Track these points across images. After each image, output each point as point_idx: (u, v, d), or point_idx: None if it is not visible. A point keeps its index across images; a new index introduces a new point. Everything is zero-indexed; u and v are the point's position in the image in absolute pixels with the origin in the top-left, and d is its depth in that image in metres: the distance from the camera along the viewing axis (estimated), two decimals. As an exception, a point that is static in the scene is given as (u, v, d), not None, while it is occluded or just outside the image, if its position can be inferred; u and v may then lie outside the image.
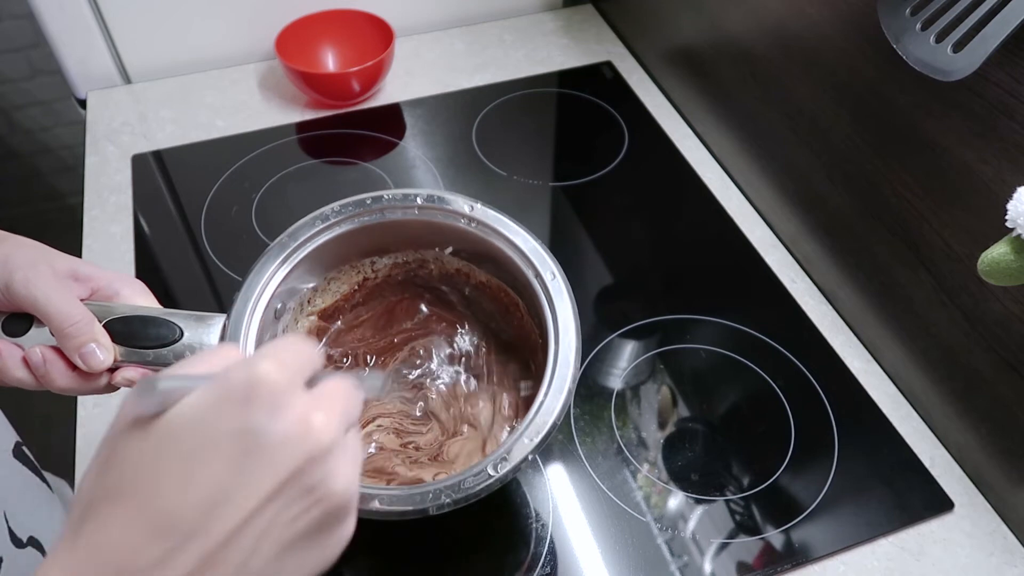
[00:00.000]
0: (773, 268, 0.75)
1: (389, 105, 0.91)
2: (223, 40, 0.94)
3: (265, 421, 0.26)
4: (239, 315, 0.49)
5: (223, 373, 0.27)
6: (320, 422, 0.27)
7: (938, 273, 0.58)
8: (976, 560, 0.56)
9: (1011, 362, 0.53)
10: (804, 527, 0.57)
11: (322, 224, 0.53)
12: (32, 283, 0.41)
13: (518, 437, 0.45)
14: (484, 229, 0.53)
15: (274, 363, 0.27)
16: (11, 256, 0.41)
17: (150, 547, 0.25)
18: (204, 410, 0.26)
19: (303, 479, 0.27)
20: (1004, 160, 0.49)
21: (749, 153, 0.80)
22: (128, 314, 0.44)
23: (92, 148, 0.86)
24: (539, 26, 1.03)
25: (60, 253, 0.44)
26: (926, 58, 0.47)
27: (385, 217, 0.54)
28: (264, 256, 0.52)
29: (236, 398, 0.26)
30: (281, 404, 0.27)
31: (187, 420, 0.26)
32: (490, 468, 0.43)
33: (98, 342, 0.42)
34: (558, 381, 0.47)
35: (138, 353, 0.44)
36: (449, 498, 0.43)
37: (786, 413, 0.63)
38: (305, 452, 0.27)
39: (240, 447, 0.26)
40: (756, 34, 0.73)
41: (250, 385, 0.27)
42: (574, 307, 0.50)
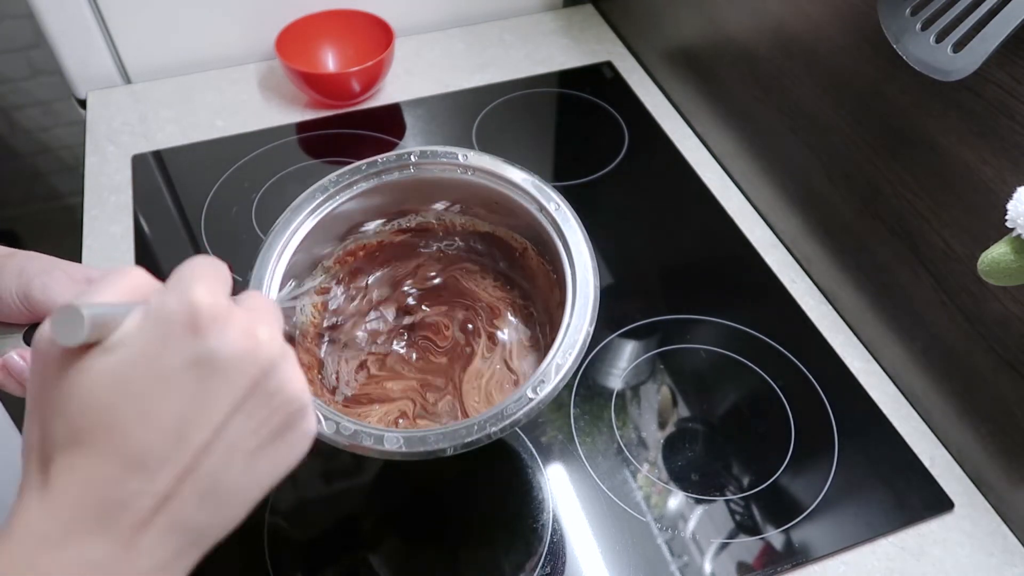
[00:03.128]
0: (773, 268, 0.75)
1: (389, 105, 0.91)
2: (223, 40, 0.94)
3: (214, 345, 0.27)
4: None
5: (155, 302, 0.27)
6: (265, 334, 0.29)
7: (938, 273, 0.58)
8: (976, 560, 0.56)
9: (1011, 362, 0.53)
10: (804, 527, 0.57)
11: (322, 196, 0.53)
12: (49, 288, 0.42)
13: (551, 360, 0.45)
14: (480, 174, 0.53)
15: (204, 286, 0.28)
16: (25, 266, 0.43)
17: (126, 480, 0.26)
18: (150, 344, 0.27)
19: (260, 390, 0.28)
20: (1004, 160, 0.49)
21: (749, 153, 0.80)
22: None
23: (92, 148, 0.86)
24: (539, 26, 1.04)
25: (70, 262, 0.45)
26: (926, 58, 0.47)
27: (382, 180, 0.54)
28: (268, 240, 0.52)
29: (179, 328, 0.27)
30: (224, 325, 0.27)
31: (136, 357, 0.27)
32: (530, 391, 0.44)
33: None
34: (580, 300, 0.47)
35: None
36: (496, 426, 0.43)
37: (786, 413, 0.63)
38: (257, 365, 0.28)
39: (195, 374, 0.27)
40: (756, 34, 0.73)
41: (190, 312, 0.27)
42: (583, 230, 0.50)
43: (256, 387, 0.28)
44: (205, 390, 0.27)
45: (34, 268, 0.43)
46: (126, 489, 0.26)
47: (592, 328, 0.46)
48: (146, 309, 0.27)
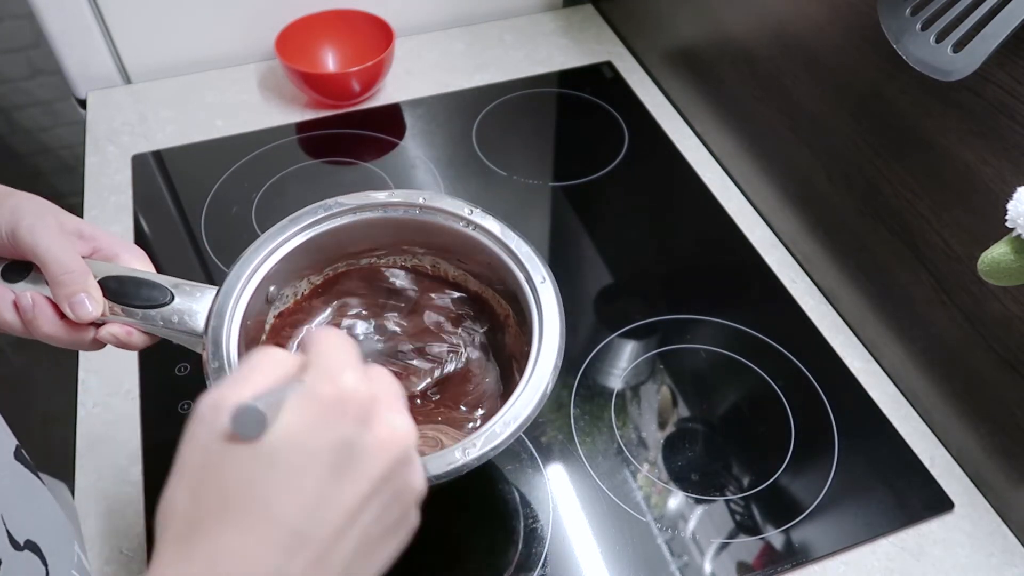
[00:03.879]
0: (773, 268, 0.75)
1: (389, 105, 0.91)
2: (223, 40, 0.94)
3: (359, 431, 0.29)
4: (229, 289, 0.49)
5: (310, 385, 0.29)
6: (402, 426, 0.31)
7: (938, 273, 0.58)
8: (976, 560, 0.56)
9: (1011, 362, 0.53)
10: (804, 527, 0.57)
11: (324, 213, 0.53)
12: (37, 231, 0.43)
13: (490, 426, 0.45)
14: (480, 232, 0.54)
15: (353, 374, 0.30)
16: (20, 205, 0.43)
17: (268, 556, 0.27)
18: (302, 427, 0.28)
19: (393, 479, 0.30)
20: (1004, 160, 0.49)
21: (749, 153, 0.80)
22: (124, 274, 0.46)
23: (92, 148, 0.86)
24: (539, 26, 1.03)
25: (68, 213, 0.46)
26: (926, 58, 0.47)
27: (387, 214, 0.54)
28: (262, 237, 0.52)
29: (330, 413, 0.29)
30: (371, 413, 0.30)
31: (288, 438, 0.28)
32: (457, 452, 0.44)
33: (89, 294, 0.44)
34: (536, 378, 0.46)
35: (128, 311, 0.45)
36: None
37: (786, 413, 0.63)
38: (394, 455, 0.30)
39: (339, 457, 0.28)
40: (756, 34, 0.73)
41: (340, 398, 0.29)
42: (561, 312, 0.50)
43: (390, 476, 0.30)
44: (345, 472, 0.28)
45: (28, 209, 0.43)
46: (266, 564, 0.27)
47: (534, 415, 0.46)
48: (300, 394, 0.29)
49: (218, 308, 0.48)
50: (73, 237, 0.45)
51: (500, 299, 0.57)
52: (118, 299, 0.45)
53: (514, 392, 0.46)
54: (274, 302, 0.55)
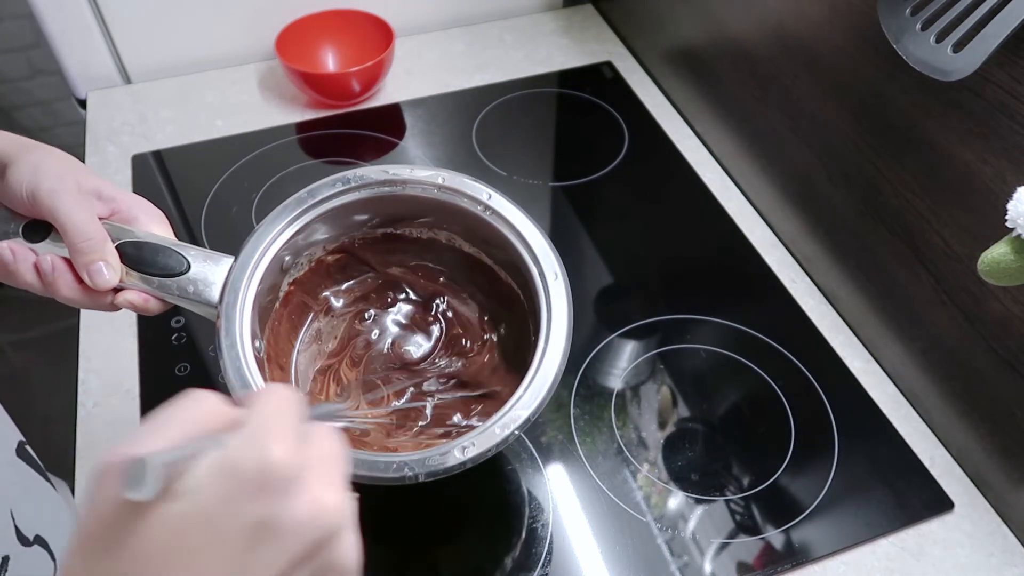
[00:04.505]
0: (773, 268, 0.75)
1: (389, 105, 0.91)
2: (223, 40, 0.94)
3: (279, 510, 0.26)
4: (246, 260, 0.49)
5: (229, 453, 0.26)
6: (332, 502, 0.27)
7: (938, 273, 0.58)
8: (976, 560, 0.56)
9: (1011, 362, 0.53)
10: (804, 527, 0.57)
11: (342, 186, 0.53)
12: (56, 195, 0.42)
13: (489, 426, 0.45)
14: (497, 219, 0.53)
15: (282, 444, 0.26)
16: (41, 164, 0.43)
17: None
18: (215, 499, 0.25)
19: (316, 559, 0.27)
20: (1004, 160, 0.49)
21: (749, 153, 0.80)
22: (142, 240, 0.46)
23: (92, 148, 0.86)
24: (539, 26, 1.03)
25: (90, 170, 0.45)
26: (926, 58, 0.47)
27: (405, 190, 0.54)
28: (280, 208, 0.52)
29: (248, 486, 0.26)
30: (293, 490, 0.26)
31: (198, 511, 0.25)
32: (456, 451, 0.44)
33: (107, 262, 0.44)
34: (540, 377, 0.47)
35: (144, 279, 0.46)
36: (413, 471, 0.43)
37: (786, 413, 0.63)
38: (316, 535, 0.27)
39: (253, 536, 0.26)
40: (756, 34, 0.73)
41: (262, 472, 0.26)
42: (570, 309, 0.50)
43: (312, 555, 0.27)
44: (260, 554, 0.26)
45: (48, 169, 0.43)
46: None
47: (538, 412, 0.46)
48: (217, 458, 0.26)
49: (233, 281, 0.48)
50: (92, 198, 0.44)
51: (513, 284, 0.57)
52: (135, 266, 0.45)
53: (514, 395, 0.46)
54: (289, 271, 0.55)
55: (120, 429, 0.61)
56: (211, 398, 0.28)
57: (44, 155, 0.43)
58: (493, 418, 0.45)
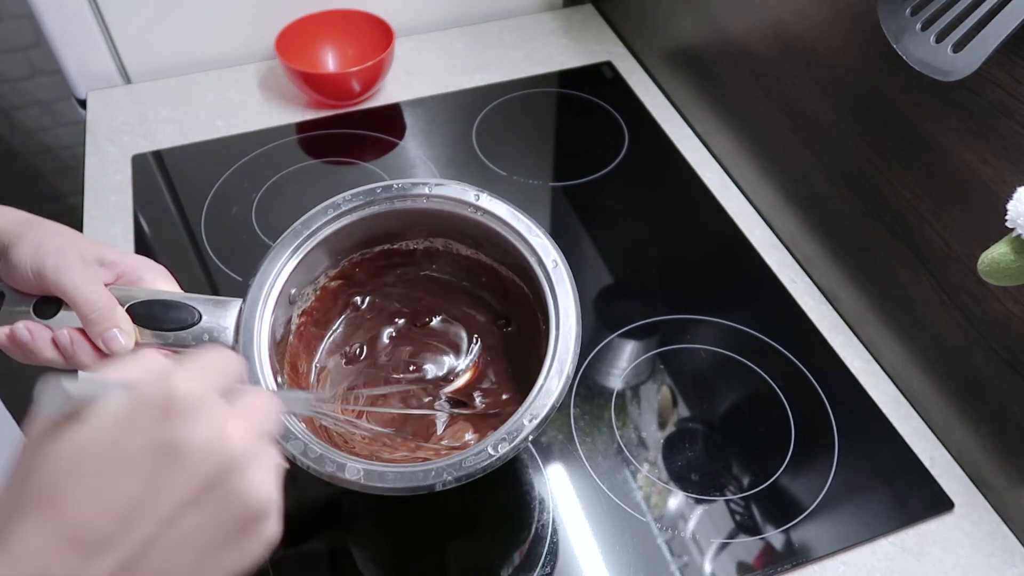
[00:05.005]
0: (773, 268, 0.75)
1: (389, 105, 0.91)
2: (223, 40, 0.94)
3: (178, 434, 0.27)
4: (254, 300, 0.50)
5: (139, 384, 0.28)
6: (234, 431, 0.28)
7: (938, 273, 0.58)
8: (976, 560, 0.56)
9: (1011, 362, 0.53)
10: (804, 527, 0.57)
11: (334, 212, 0.54)
12: (61, 270, 0.43)
13: (518, 418, 0.46)
14: (489, 218, 0.54)
15: (189, 376, 0.28)
16: (42, 242, 0.44)
17: (66, 557, 0.26)
18: (118, 423, 0.27)
19: (218, 488, 0.28)
20: (1004, 160, 0.49)
21: (749, 153, 0.80)
22: (149, 298, 0.47)
23: (92, 148, 0.86)
24: (539, 26, 1.03)
25: (88, 239, 0.46)
26: (926, 58, 0.47)
27: (395, 206, 0.55)
28: (278, 243, 0.53)
29: (150, 411, 0.27)
30: (195, 416, 0.27)
31: (101, 433, 0.27)
32: (490, 448, 0.45)
33: (120, 328, 0.45)
34: (558, 364, 0.48)
35: (159, 335, 0.46)
36: (451, 476, 0.44)
37: (786, 413, 0.63)
38: (217, 461, 0.27)
39: (153, 459, 0.27)
40: (756, 34, 0.73)
41: (165, 398, 0.27)
42: (575, 293, 0.51)
43: (214, 484, 0.27)
44: (160, 476, 0.27)
45: (50, 246, 0.44)
46: (64, 566, 0.26)
47: (560, 400, 0.47)
48: (128, 389, 0.28)
49: (245, 322, 0.49)
50: (96, 267, 0.45)
51: (516, 279, 0.57)
52: (148, 324, 0.46)
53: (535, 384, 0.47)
54: (296, 302, 0.56)
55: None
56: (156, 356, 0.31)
57: (44, 232, 0.45)
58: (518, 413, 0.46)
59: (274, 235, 0.76)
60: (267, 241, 0.76)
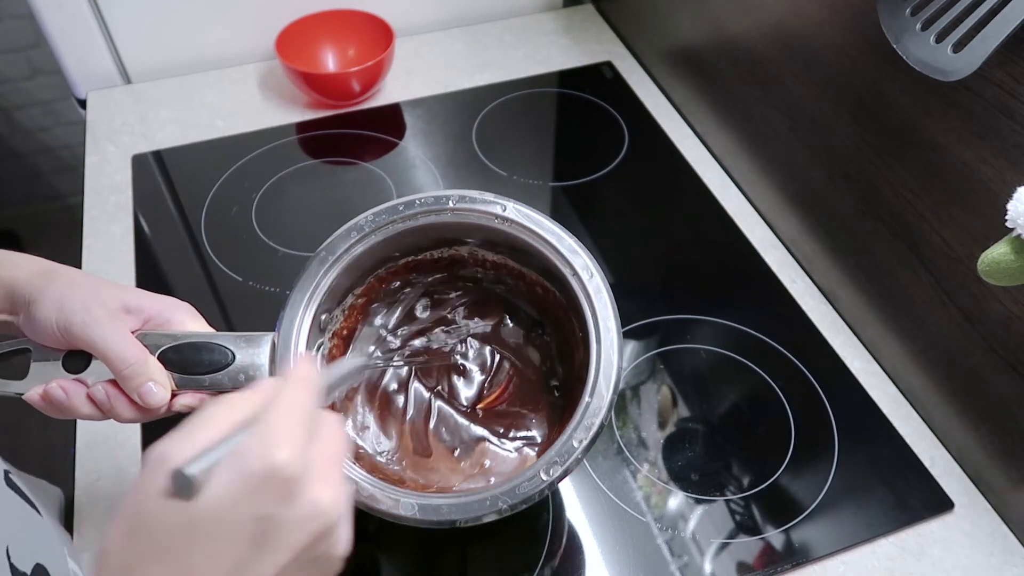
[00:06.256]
0: (773, 268, 0.75)
1: (389, 105, 0.91)
2: (223, 40, 0.94)
3: (281, 508, 0.30)
4: (287, 333, 0.49)
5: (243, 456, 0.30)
6: (328, 501, 0.31)
7: (938, 273, 0.58)
8: (976, 560, 0.56)
9: (1011, 362, 0.53)
10: (804, 527, 0.57)
11: (357, 235, 0.52)
12: (89, 327, 0.43)
13: (567, 440, 0.45)
14: (517, 228, 0.52)
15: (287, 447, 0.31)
16: (65, 298, 0.43)
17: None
18: (226, 498, 0.30)
19: (312, 551, 0.31)
20: (1004, 160, 0.49)
21: (749, 153, 0.80)
22: (180, 342, 0.45)
23: (92, 148, 0.86)
24: (539, 26, 1.03)
25: (109, 285, 0.45)
26: (926, 58, 0.47)
27: (419, 221, 0.53)
28: (305, 271, 0.51)
29: (255, 488, 0.30)
30: (295, 491, 0.31)
31: (212, 507, 0.30)
32: (543, 473, 0.44)
33: (154, 380, 0.44)
34: (603, 380, 0.47)
35: (194, 380, 0.45)
36: (506, 503, 0.44)
37: (786, 413, 0.63)
38: (315, 529, 0.31)
39: (259, 528, 0.30)
40: (756, 34, 0.73)
41: (267, 475, 0.30)
42: (613, 305, 0.49)
43: (311, 548, 0.31)
44: (263, 545, 0.30)
45: (75, 301, 0.43)
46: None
47: (607, 418, 0.46)
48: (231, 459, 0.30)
49: (280, 357, 0.48)
50: (121, 315, 0.45)
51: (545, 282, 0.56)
52: (182, 369, 0.45)
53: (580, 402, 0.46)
54: (326, 328, 0.55)
55: (120, 430, 0.61)
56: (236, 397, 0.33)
57: (65, 286, 0.44)
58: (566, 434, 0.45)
59: (274, 235, 0.76)
60: (267, 241, 0.76)
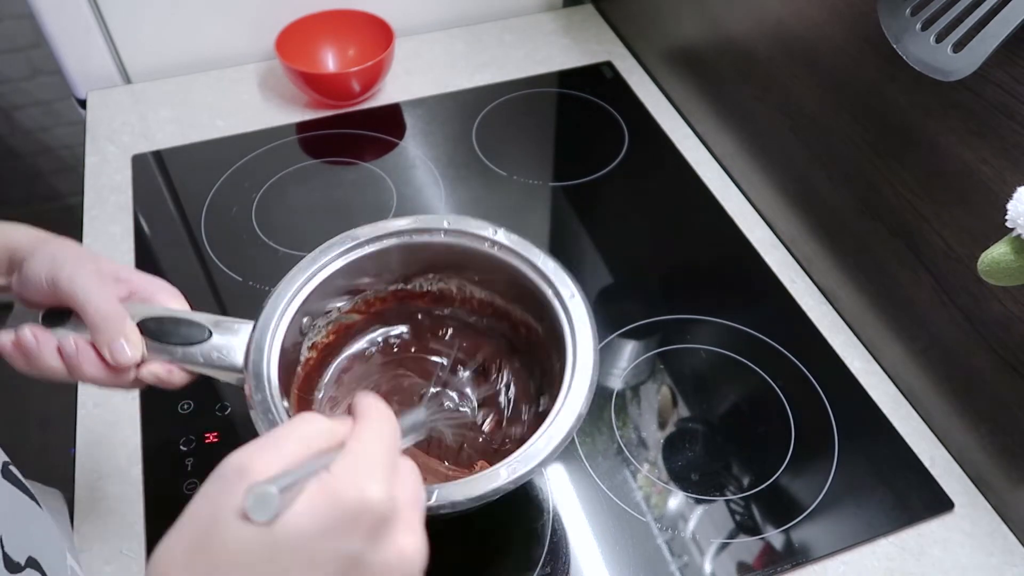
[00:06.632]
0: (773, 268, 0.75)
1: (389, 105, 0.91)
2: (223, 40, 0.94)
3: (369, 549, 0.29)
4: (266, 323, 0.49)
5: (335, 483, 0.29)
6: (414, 551, 0.31)
7: (938, 273, 0.58)
8: (976, 560, 0.56)
9: (1011, 362, 0.53)
10: (804, 527, 0.57)
11: (352, 242, 0.54)
12: (76, 279, 0.43)
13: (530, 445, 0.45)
14: (505, 252, 0.54)
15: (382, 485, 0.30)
16: (58, 253, 0.44)
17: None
18: (313, 528, 0.28)
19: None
20: (1004, 160, 0.49)
21: (749, 153, 0.80)
22: (161, 315, 0.46)
23: (92, 148, 0.86)
24: (539, 26, 1.03)
25: (105, 257, 0.47)
26: (926, 58, 0.47)
27: (412, 239, 0.55)
28: (295, 269, 0.52)
29: (345, 522, 0.29)
30: (384, 532, 0.30)
31: (296, 535, 0.28)
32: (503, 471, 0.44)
33: (127, 338, 0.44)
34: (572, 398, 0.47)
35: (167, 349, 0.46)
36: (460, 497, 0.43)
37: (786, 413, 0.63)
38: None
39: (342, 566, 0.29)
40: (756, 34, 0.73)
41: (360, 511, 0.29)
42: (593, 327, 0.50)
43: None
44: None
45: (67, 256, 0.44)
46: None
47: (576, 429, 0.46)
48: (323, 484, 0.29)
49: (256, 342, 0.48)
50: (110, 280, 0.45)
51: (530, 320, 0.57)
52: (157, 338, 0.46)
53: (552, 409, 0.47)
54: (307, 333, 0.55)
55: (120, 430, 0.61)
56: (319, 418, 0.32)
57: (60, 245, 0.45)
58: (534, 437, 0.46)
59: (274, 235, 0.76)
60: (267, 241, 0.76)
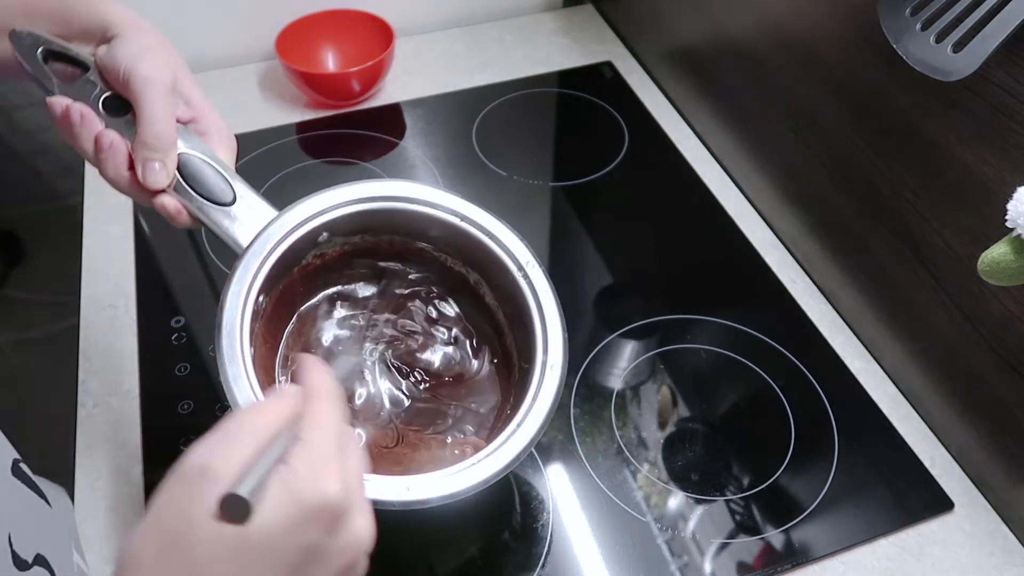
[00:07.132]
0: (773, 268, 0.75)
1: (389, 105, 0.91)
2: (223, 40, 0.94)
3: (325, 538, 0.32)
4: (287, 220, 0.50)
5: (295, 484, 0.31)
6: (365, 530, 0.34)
7: (938, 273, 0.58)
8: (976, 560, 0.56)
9: (1011, 362, 0.53)
10: (804, 527, 0.57)
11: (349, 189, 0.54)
12: (149, 84, 0.43)
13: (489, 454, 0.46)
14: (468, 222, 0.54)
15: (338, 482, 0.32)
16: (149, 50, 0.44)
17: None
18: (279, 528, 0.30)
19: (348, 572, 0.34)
20: (1004, 160, 0.49)
21: (749, 153, 0.80)
22: (204, 157, 0.47)
23: (92, 148, 0.85)
24: (539, 26, 1.03)
25: (191, 75, 0.47)
26: (926, 58, 0.47)
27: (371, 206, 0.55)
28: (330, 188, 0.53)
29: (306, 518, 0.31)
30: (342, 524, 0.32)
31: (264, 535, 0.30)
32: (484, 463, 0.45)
33: (165, 164, 0.45)
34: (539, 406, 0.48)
35: (189, 193, 0.46)
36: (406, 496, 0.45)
37: (786, 413, 0.63)
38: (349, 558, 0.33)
39: (301, 559, 0.31)
40: (756, 34, 0.73)
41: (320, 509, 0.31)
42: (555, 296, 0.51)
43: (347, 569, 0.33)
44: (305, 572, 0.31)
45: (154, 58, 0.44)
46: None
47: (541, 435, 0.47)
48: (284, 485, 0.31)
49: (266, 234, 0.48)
50: (179, 101, 0.45)
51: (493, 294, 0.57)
52: (186, 179, 0.46)
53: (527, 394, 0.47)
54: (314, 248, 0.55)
55: (120, 429, 0.61)
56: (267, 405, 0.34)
57: (155, 43, 0.44)
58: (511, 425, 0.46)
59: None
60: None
